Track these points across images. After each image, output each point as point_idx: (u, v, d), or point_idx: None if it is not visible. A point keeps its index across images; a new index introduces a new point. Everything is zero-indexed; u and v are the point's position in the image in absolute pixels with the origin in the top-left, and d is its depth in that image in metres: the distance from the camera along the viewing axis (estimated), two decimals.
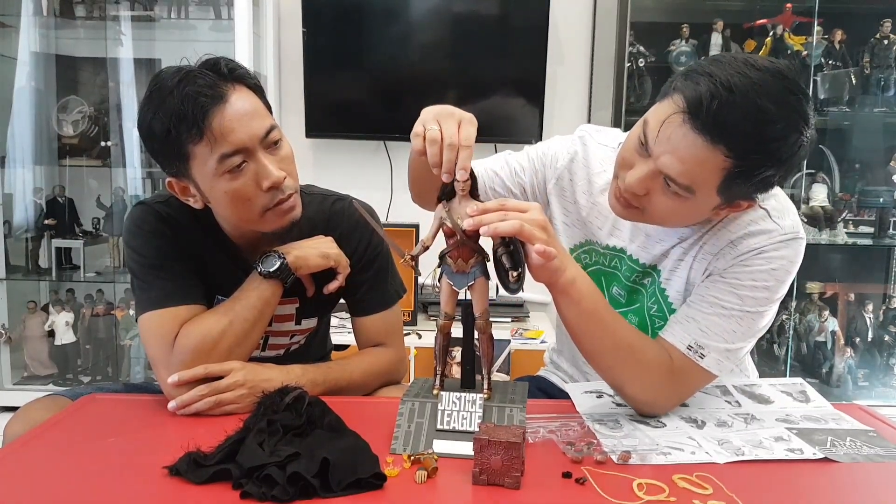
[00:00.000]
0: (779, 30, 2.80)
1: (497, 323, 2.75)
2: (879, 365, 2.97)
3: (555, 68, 2.98)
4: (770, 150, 1.01)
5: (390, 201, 3.02)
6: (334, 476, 0.85)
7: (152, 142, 1.14)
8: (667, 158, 1.03)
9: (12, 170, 2.85)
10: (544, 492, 0.89)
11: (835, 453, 1.01)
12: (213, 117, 1.09)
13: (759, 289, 1.13)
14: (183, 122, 1.08)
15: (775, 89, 0.99)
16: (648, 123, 1.06)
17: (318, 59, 2.88)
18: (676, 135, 1.02)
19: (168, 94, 1.09)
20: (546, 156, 1.35)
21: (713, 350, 1.13)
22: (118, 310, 2.91)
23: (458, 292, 1.03)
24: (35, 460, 0.96)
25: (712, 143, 1.00)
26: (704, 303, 1.15)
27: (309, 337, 1.39)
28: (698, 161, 1.01)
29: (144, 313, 1.20)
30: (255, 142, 1.12)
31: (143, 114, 1.13)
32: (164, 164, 1.17)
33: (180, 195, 1.20)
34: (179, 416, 1.11)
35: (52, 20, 2.83)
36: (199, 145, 1.10)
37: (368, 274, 1.34)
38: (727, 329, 1.13)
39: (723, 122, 0.98)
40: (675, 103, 1.03)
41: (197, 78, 1.10)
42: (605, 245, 1.30)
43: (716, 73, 1.00)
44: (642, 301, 1.28)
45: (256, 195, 1.14)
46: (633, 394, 1.15)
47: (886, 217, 2.91)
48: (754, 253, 1.13)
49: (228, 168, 1.11)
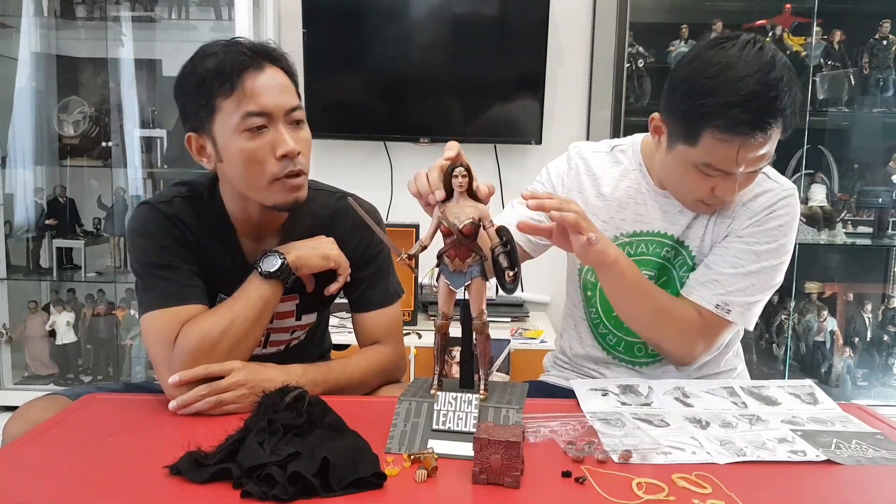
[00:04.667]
0: (778, 30, 2.80)
1: (497, 323, 2.75)
2: (878, 365, 2.98)
3: (555, 68, 2.99)
4: (793, 88, 1.20)
5: (390, 201, 3.02)
6: (335, 475, 0.86)
7: (184, 93, 1.20)
8: (752, 163, 1.21)
9: (13, 170, 2.85)
10: (544, 491, 0.89)
11: (838, 456, 1.01)
12: (247, 78, 1.15)
13: (771, 244, 1.31)
14: (218, 76, 1.15)
15: (763, 60, 1.17)
16: (711, 165, 1.22)
17: (318, 60, 2.88)
18: (750, 151, 1.19)
19: (211, 54, 1.17)
20: (551, 181, 1.46)
21: (737, 305, 1.31)
22: (119, 310, 2.91)
23: (456, 292, 1.03)
24: (35, 460, 0.96)
25: (776, 127, 1.19)
26: (726, 264, 1.32)
27: (309, 332, 1.40)
28: (772, 142, 1.21)
29: (146, 313, 1.21)
30: (279, 111, 1.17)
31: (183, 69, 1.20)
32: (190, 116, 1.21)
33: (195, 153, 1.23)
34: (180, 416, 1.12)
35: (52, 20, 2.84)
36: (227, 99, 1.15)
37: (370, 270, 1.35)
38: (748, 285, 1.31)
39: (771, 115, 1.17)
40: (724, 139, 1.18)
41: (243, 46, 1.18)
42: (632, 232, 1.40)
43: (728, 90, 1.16)
44: (673, 275, 1.38)
45: (269, 161, 1.17)
46: (670, 349, 1.36)
47: (885, 217, 2.91)
48: (765, 213, 1.31)
49: (249, 127, 1.15)
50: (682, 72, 1.24)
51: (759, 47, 1.19)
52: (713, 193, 1.27)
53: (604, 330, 1.45)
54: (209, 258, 1.27)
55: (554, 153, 1.50)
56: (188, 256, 1.24)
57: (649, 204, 1.39)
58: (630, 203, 1.40)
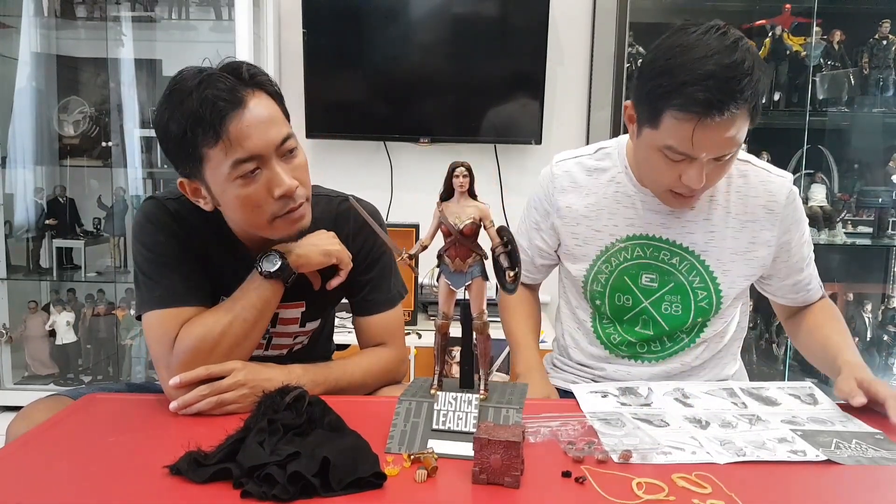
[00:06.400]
0: (778, 30, 2.80)
1: (497, 323, 2.73)
2: (878, 365, 2.97)
3: (555, 68, 2.99)
4: (756, 73, 1.17)
5: (390, 201, 3.02)
6: (335, 475, 0.86)
7: (167, 141, 1.14)
8: (714, 148, 1.19)
9: (13, 170, 2.85)
10: (544, 491, 0.89)
11: (838, 456, 1.01)
12: (231, 122, 1.08)
13: (804, 224, 1.42)
14: (200, 124, 1.08)
15: (725, 43, 1.17)
16: (673, 147, 1.21)
17: (318, 60, 2.88)
18: (709, 134, 1.17)
19: (187, 95, 1.09)
20: (539, 206, 1.48)
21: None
22: (119, 310, 2.91)
23: (457, 292, 1.03)
24: (36, 460, 0.96)
25: (735, 111, 1.16)
26: (802, 261, 1.43)
27: (312, 337, 1.39)
28: (736, 128, 1.18)
29: (148, 312, 1.20)
30: (270, 149, 1.12)
31: (160, 113, 1.13)
32: (178, 165, 1.16)
33: (191, 196, 1.19)
34: (180, 416, 1.12)
35: (52, 21, 2.83)
36: (214, 149, 1.09)
37: (372, 274, 1.34)
38: (811, 259, 1.47)
39: (729, 96, 1.14)
40: (682, 119, 1.16)
41: (217, 81, 1.09)
42: (626, 237, 1.40)
43: (686, 69, 1.15)
44: (678, 279, 1.40)
45: (267, 202, 1.14)
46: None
47: (885, 217, 2.91)
48: (791, 207, 1.37)
49: (241, 174, 1.11)
50: (647, 56, 1.26)
51: (723, 32, 1.19)
52: (680, 181, 1.25)
53: (611, 330, 1.46)
54: (213, 258, 1.26)
55: (554, 153, 1.50)
56: (192, 255, 1.23)
57: (638, 206, 1.39)
58: (619, 208, 1.40)
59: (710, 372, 1.46)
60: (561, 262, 1.51)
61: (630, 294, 1.41)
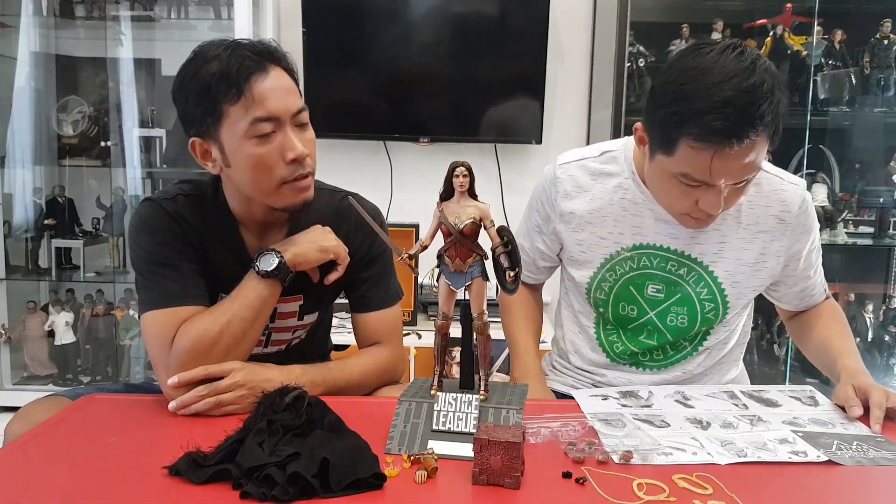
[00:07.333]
0: (779, 30, 2.80)
1: (497, 323, 2.72)
2: (879, 365, 2.97)
3: (555, 68, 2.98)
4: (776, 95, 1.12)
5: (390, 201, 3.02)
6: (334, 476, 0.85)
7: (186, 100, 1.17)
8: (732, 175, 1.16)
9: (12, 170, 2.85)
10: (544, 492, 0.89)
11: (839, 457, 1.01)
12: (254, 82, 1.14)
13: (815, 231, 1.40)
14: (224, 81, 1.13)
15: (742, 65, 1.10)
16: (689, 175, 1.17)
17: (317, 59, 2.87)
18: (727, 162, 1.13)
19: (213, 57, 1.15)
20: (541, 209, 1.44)
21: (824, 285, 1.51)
22: (118, 310, 2.91)
23: (457, 292, 1.03)
24: (35, 460, 0.96)
25: (754, 137, 1.11)
26: (810, 268, 1.43)
27: (310, 331, 1.39)
28: (755, 153, 1.14)
29: (146, 312, 1.20)
30: (287, 115, 1.17)
31: (181, 74, 1.17)
32: (194, 122, 1.19)
33: (200, 158, 1.22)
34: (179, 417, 1.11)
35: (52, 20, 2.83)
36: (235, 105, 1.14)
37: (372, 271, 1.34)
38: (818, 265, 1.47)
39: (748, 123, 1.09)
40: (698, 148, 1.12)
41: (245, 48, 1.16)
42: (632, 245, 1.36)
43: (702, 96, 1.10)
44: (685, 290, 1.36)
45: (278, 165, 1.17)
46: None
47: (886, 217, 2.91)
48: (804, 215, 1.35)
49: (258, 133, 1.15)
50: (660, 79, 1.20)
51: (739, 52, 1.12)
52: (697, 207, 1.21)
53: (614, 338, 1.44)
54: (212, 257, 1.26)
55: (554, 153, 1.49)
56: (191, 255, 1.23)
57: (646, 215, 1.34)
58: (626, 216, 1.35)
59: (712, 378, 1.45)
60: (563, 266, 1.49)
61: (635, 304, 1.38)
